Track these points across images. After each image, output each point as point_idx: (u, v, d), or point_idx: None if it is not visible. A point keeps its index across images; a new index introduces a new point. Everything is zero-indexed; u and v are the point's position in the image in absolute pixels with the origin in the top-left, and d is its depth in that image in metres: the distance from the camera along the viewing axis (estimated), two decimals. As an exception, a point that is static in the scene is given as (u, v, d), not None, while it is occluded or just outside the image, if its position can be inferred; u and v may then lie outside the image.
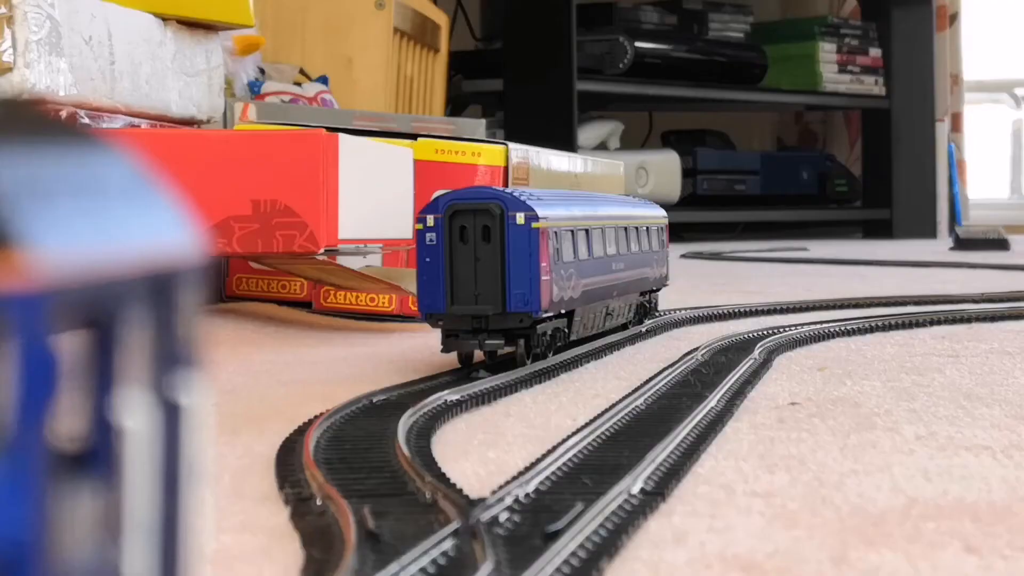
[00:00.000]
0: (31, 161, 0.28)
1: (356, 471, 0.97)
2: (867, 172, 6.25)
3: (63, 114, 2.04)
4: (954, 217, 6.40)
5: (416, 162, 2.02)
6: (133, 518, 0.29)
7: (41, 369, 0.26)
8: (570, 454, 1.01)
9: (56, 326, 0.27)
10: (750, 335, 1.78)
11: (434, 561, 0.74)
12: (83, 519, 0.28)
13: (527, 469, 0.95)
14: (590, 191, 2.23)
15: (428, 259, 1.42)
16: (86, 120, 2.07)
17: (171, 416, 0.30)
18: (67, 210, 0.28)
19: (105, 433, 0.29)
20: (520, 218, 1.42)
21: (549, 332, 1.50)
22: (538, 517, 0.83)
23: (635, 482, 0.91)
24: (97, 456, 0.29)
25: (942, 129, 6.30)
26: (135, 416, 0.29)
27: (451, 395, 1.26)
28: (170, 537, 0.31)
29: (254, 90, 3.46)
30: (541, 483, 0.92)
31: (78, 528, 0.28)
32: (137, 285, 0.29)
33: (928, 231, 6.12)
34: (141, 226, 0.30)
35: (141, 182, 0.31)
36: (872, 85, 6.14)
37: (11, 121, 0.29)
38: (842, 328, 1.90)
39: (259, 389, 1.43)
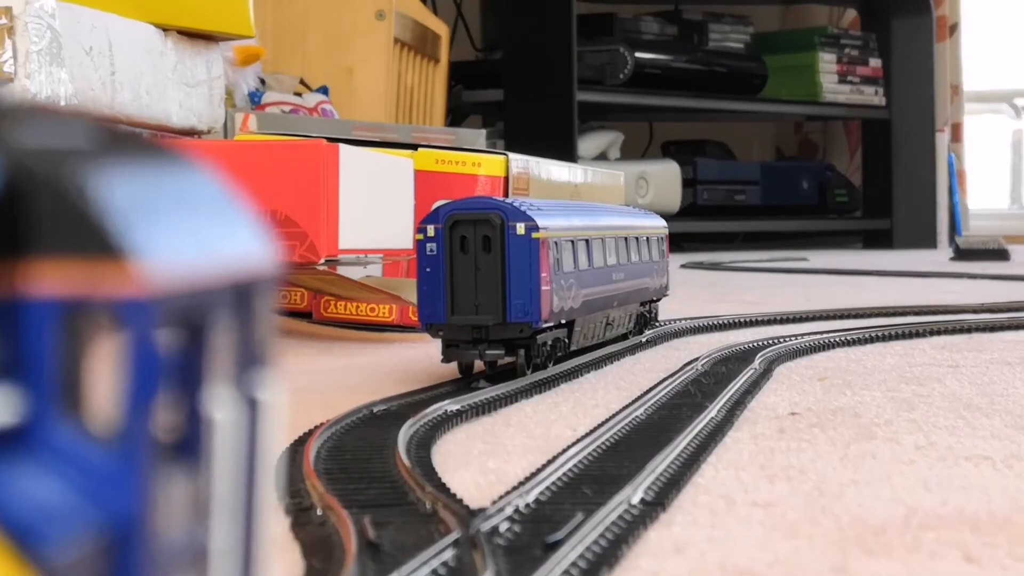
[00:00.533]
0: (135, 180, 0.31)
1: (356, 481, 0.97)
2: (867, 182, 6.25)
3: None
4: (954, 227, 6.40)
5: (416, 172, 2.02)
6: (218, 500, 0.33)
7: (148, 366, 0.30)
8: (570, 464, 1.01)
9: (160, 328, 0.30)
10: (750, 345, 1.79)
11: (434, 571, 0.74)
12: (177, 500, 0.31)
13: (527, 479, 0.95)
14: (590, 201, 2.24)
15: (428, 269, 1.42)
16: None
17: (251, 410, 0.34)
18: (167, 224, 0.31)
19: (196, 424, 0.32)
20: (520, 228, 1.42)
21: (549, 342, 1.50)
22: (538, 527, 0.83)
23: (635, 492, 0.91)
24: (189, 444, 0.32)
25: (942, 139, 6.30)
26: (222, 409, 0.33)
27: (451, 405, 1.26)
28: (248, 518, 0.34)
29: (254, 100, 3.46)
30: (541, 493, 0.92)
31: (173, 508, 0.31)
32: (224, 293, 0.33)
33: (928, 241, 6.13)
34: (226, 239, 0.33)
35: (224, 197, 0.34)
36: (872, 95, 6.15)
37: (114, 143, 0.32)
38: (842, 338, 1.90)
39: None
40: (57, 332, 0.29)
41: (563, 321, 1.52)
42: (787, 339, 1.85)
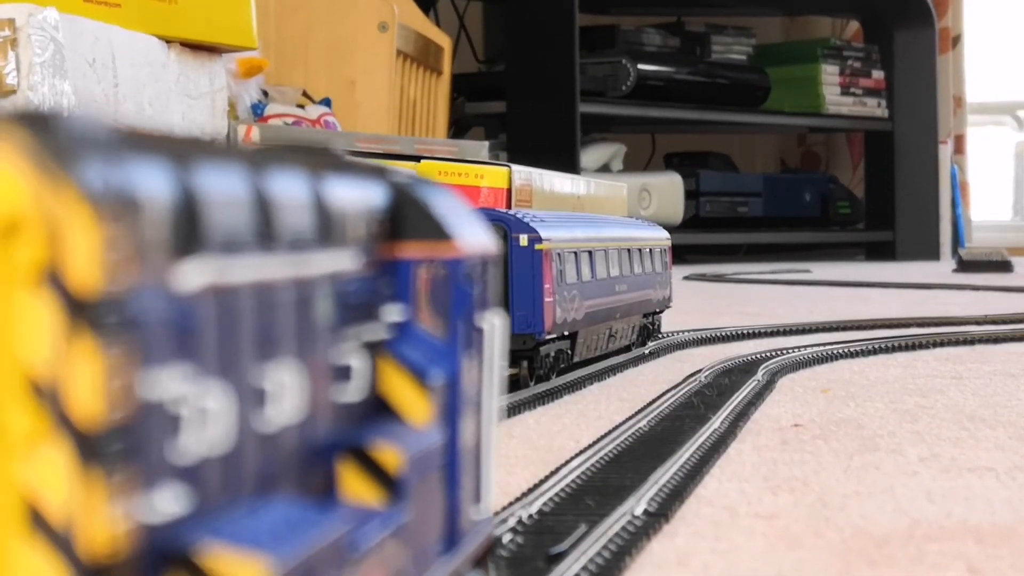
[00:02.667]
0: (440, 197, 0.55)
1: (359, 493, 0.97)
2: (870, 194, 6.25)
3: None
4: (957, 239, 6.40)
5: (419, 184, 2.01)
6: (487, 377, 0.57)
7: (462, 295, 0.54)
8: (573, 475, 1.01)
9: (465, 276, 0.54)
10: (753, 357, 1.78)
11: (437, 582, 0.74)
12: (469, 372, 0.55)
13: (530, 490, 0.95)
14: (593, 213, 2.24)
15: (431, 281, 1.42)
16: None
17: (492, 328, 0.58)
18: (458, 221, 0.55)
19: (474, 330, 0.56)
20: (523, 240, 1.42)
21: (552, 354, 1.50)
22: (541, 539, 0.83)
23: (638, 503, 0.91)
24: (472, 342, 0.55)
25: (945, 151, 6.30)
26: (486, 323, 0.57)
27: (454, 417, 1.26)
28: (495, 387, 0.58)
29: (257, 112, 3.47)
30: (544, 504, 0.92)
31: (468, 376, 0.55)
32: (480, 261, 0.57)
33: (931, 253, 6.13)
34: (474, 231, 0.57)
35: (465, 206, 0.58)
36: (875, 107, 6.15)
37: (422, 179, 0.55)
38: (845, 350, 1.90)
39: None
40: (417, 277, 0.53)
41: (566, 332, 1.52)
42: (790, 351, 1.85)
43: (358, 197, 0.49)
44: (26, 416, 0.33)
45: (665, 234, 1.98)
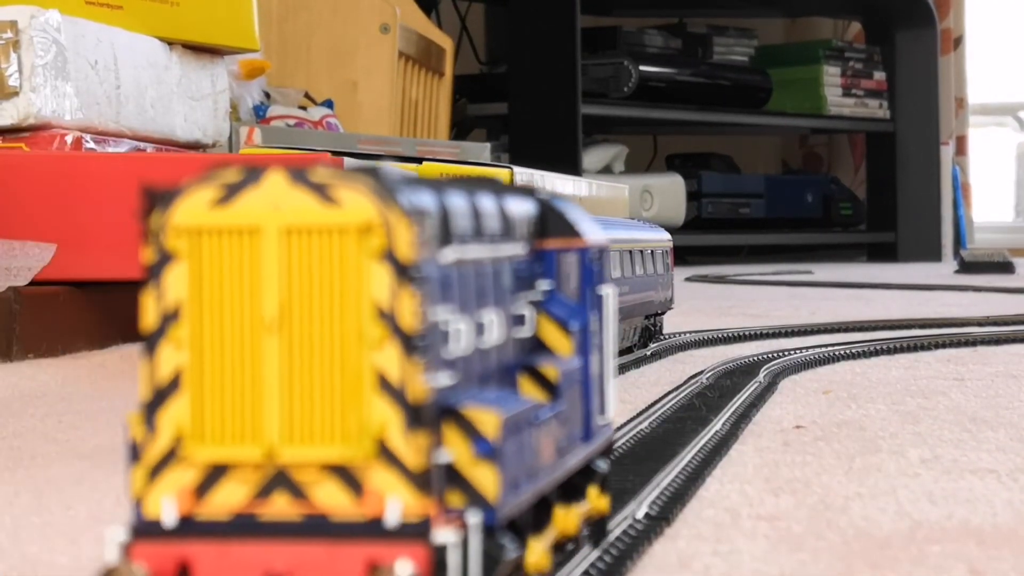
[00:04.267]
0: (567, 206, 0.75)
1: (361, 495, 0.97)
2: (872, 195, 6.25)
3: (69, 138, 2.04)
4: (959, 240, 6.40)
5: (421, 186, 2.01)
6: (605, 325, 0.77)
7: (589, 272, 0.75)
8: (575, 478, 1.01)
9: (592, 259, 0.76)
10: (755, 358, 1.78)
11: (439, 585, 0.73)
12: (594, 324, 0.75)
13: (532, 493, 0.95)
14: (594, 215, 2.23)
15: (433, 283, 1.42)
16: (92, 144, 2.08)
17: (607, 295, 0.77)
18: (582, 222, 0.75)
19: (597, 295, 0.76)
20: (525, 242, 1.42)
21: (554, 355, 1.50)
22: (543, 541, 0.83)
23: (640, 506, 0.91)
24: (596, 304, 0.75)
25: (947, 152, 6.30)
26: (603, 292, 0.76)
27: (456, 419, 1.26)
28: (610, 335, 0.77)
29: (259, 114, 3.47)
30: (546, 507, 0.92)
31: (595, 325, 0.75)
32: (598, 250, 0.77)
33: (933, 254, 6.13)
34: (594, 230, 0.77)
35: (585, 213, 0.78)
36: (876, 108, 6.15)
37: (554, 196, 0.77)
38: (847, 351, 1.90)
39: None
40: (558, 261, 0.73)
41: (568, 334, 1.52)
42: (792, 352, 1.85)
43: (521, 208, 0.72)
44: (378, 329, 0.57)
45: (667, 235, 1.98)
